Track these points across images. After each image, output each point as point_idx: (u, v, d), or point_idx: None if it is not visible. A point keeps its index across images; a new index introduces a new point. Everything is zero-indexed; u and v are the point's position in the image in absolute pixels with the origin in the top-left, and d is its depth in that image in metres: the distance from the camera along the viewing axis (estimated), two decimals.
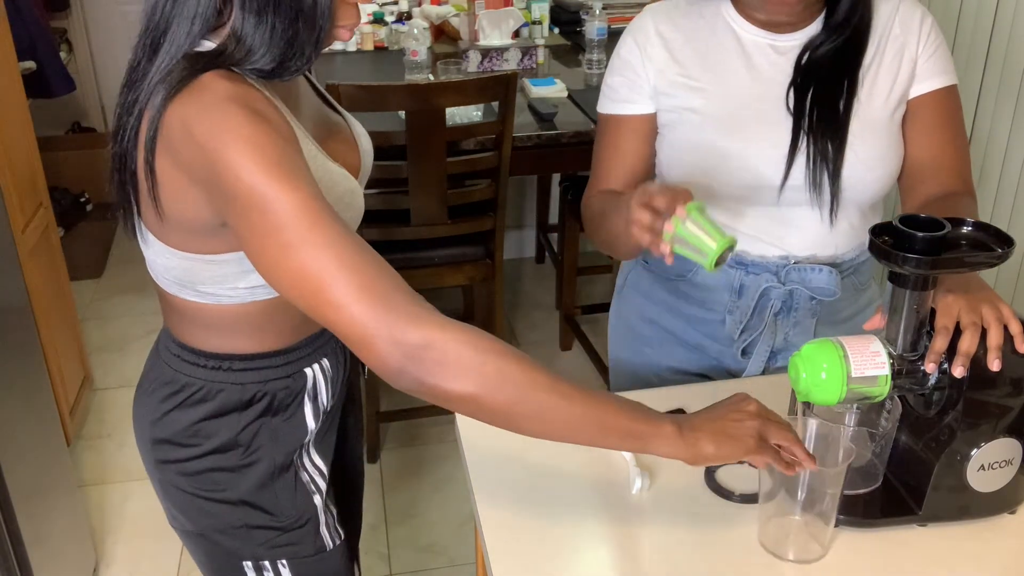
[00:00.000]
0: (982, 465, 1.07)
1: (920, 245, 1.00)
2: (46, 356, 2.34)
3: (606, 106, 1.43)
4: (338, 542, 1.31)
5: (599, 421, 0.96)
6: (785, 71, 1.33)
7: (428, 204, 2.44)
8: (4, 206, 1.95)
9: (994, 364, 1.03)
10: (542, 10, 3.23)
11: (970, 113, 2.64)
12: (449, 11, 3.27)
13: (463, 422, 1.30)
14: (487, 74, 2.93)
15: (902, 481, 1.14)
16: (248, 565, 1.26)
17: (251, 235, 0.95)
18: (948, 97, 1.36)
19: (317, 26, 0.99)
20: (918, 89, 1.35)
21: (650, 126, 1.40)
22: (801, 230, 1.36)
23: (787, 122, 1.32)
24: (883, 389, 1.04)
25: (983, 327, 1.05)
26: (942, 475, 1.08)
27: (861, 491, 1.13)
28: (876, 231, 1.04)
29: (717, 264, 1.06)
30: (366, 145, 1.25)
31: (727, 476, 1.19)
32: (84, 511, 2.32)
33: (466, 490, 1.22)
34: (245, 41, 0.98)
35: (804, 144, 1.31)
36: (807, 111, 1.31)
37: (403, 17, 3.38)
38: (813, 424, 1.08)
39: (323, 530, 1.28)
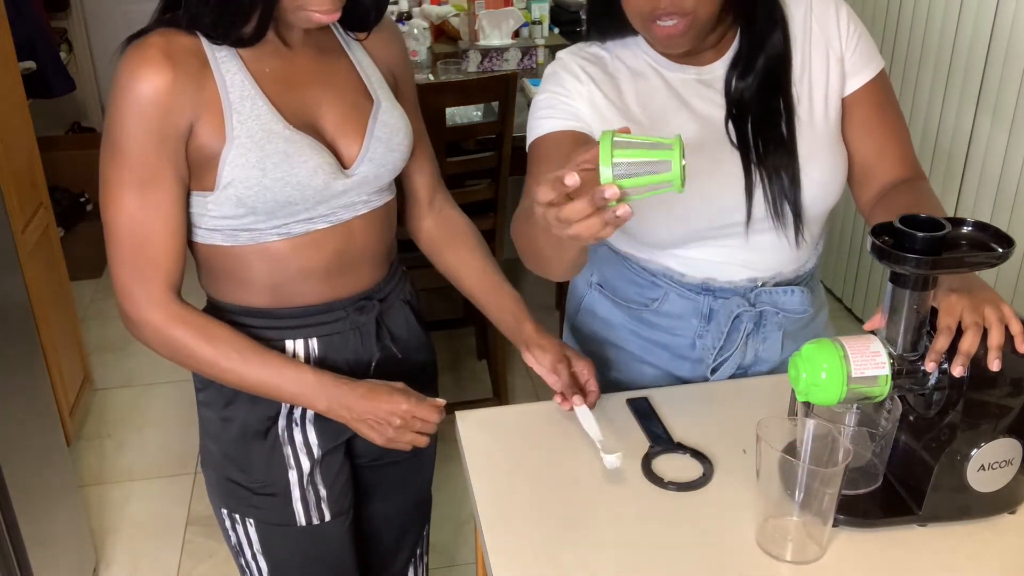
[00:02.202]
0: (982, 465, 1.07)
1: (920, 245, 1.00)
2: (46, 356, 2.34)
3: (539, 128, 1.29)
4: (316, 522, 1.33)
5: (262, 391, 1.22)
6: (718, 103, 1.29)
7: None
8: (4, 206, 1.95)
9: (994, 364, 1.03)
10: (542, 10, 3.24)
11: (970, 110, 2.64)
12: (449, 11, 3.27)
13: (464, 423, 1.30)
14: (487, 74, 2.93)
15: (902, 481, 1.13)
16: (224, 513, 1.35)
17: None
18: (880, 85, 1.32)
19: (256, 4, 1.12)
20: (851, 85, 1.31)
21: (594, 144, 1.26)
22: (769, 252, 1.33)
23: (735, 157, 1.28)
24: (883, 389, 1.04)
25: (984, 327, 1.05)
26: (942, 475, 1.08)
27: (861, 491, 1.13)
28: (876, 231, 1.04)
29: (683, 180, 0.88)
30: (382, 133, 1.26)
31: (662, 466, 1.20)
32: (84, 511, 2.32)
33: (466, 490, 1.22)
34: (189, 12, 1.13)
35: (758, 178, 1.27)
36: (752, 143, 1.27)
37: (403, 17, 3.38)
38: (812, 424, 1.08)
39: (296, 505, 1.32)
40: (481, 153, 2.51)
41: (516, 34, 3.14)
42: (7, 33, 2.51)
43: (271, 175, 1.15)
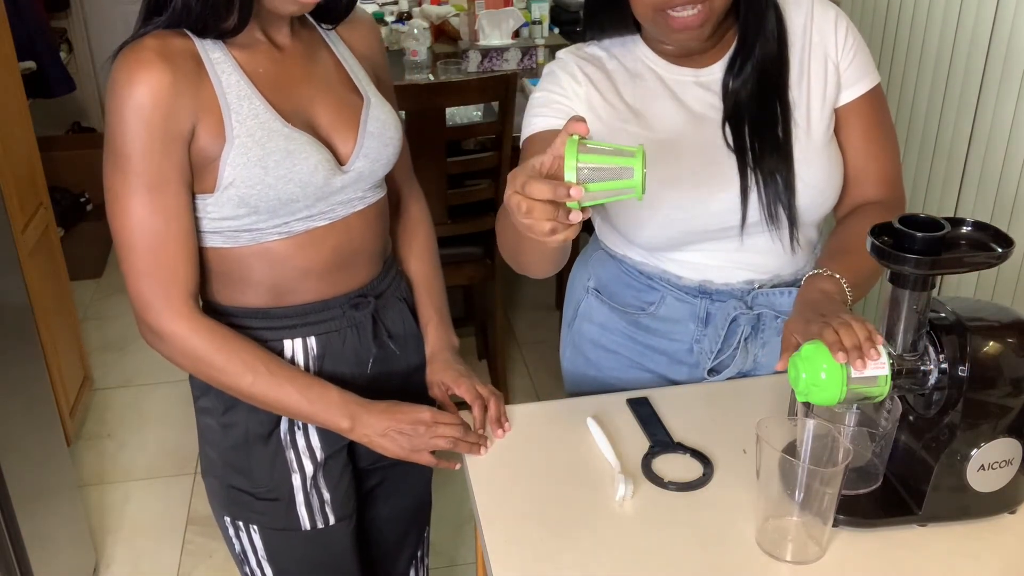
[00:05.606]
0: (982, 465, 1.07)
1: (920, 245, 1.00)
2: (46, 356, 2.34)
3: (533, 126, 1.29)
4: (321, 526, 1.33)
5: (283, 408, 1.23)
6: (715, 105, 1.29)
7: (428, 204, 2.44)
8: (4, 206, 1.95)
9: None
10: (542, 10, 3.24)
11: (970, 111, 2.64)
12: (449, 11, 3.27)
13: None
14: (487, 74, 2.93)
15: (902, 481, 1.14)
16: (228, 521, 1.34)
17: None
18: (873, 100, 1.31)
19: None
20: (845, 97, 1.30)
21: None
22: (764, 255, 1.33)
23: (731, 160, 1.27)
24: (883, 389, 1.04)
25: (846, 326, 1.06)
26: (942, 475, 1.08)
27: (861, 491, 1.13)
28: (876, 231, 1.04)
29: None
30: (374, 128, 1.27)
31: (663, 466, 1.20)
32: (84, 511, 2.32)
33: (466, 490, 1.22)
34: (176, 5, 1.13)
35: (753, 182, 1.27)
36: (748, 145, 1.26)
37: (403, 17, 3.39)
38: (812, 424, 1.08)
39: (300, 509, 1.31)
40: (481, 153, 2.51)
41: (516, 34, 3.14)
42: (7, 33, 2.51)
43: (273, 173, 1.16)
